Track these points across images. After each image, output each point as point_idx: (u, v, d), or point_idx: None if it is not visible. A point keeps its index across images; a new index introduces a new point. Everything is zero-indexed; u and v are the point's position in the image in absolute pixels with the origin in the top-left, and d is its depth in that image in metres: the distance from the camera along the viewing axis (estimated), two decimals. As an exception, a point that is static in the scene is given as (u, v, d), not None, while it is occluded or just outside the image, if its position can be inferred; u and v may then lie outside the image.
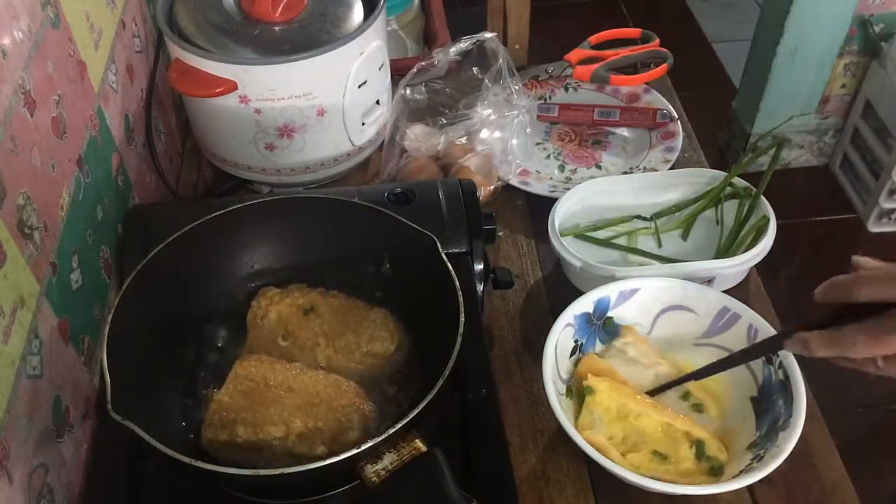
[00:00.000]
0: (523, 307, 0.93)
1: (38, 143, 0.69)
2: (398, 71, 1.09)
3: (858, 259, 0.61)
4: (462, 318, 0.65)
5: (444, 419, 0.70)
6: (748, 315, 0.80)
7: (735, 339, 0.81)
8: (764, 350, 0.76)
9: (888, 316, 0.58)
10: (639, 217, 1.00)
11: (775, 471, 0.69)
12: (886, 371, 0.60)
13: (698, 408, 0.79)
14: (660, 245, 0.99)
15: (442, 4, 1.39)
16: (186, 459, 0.58)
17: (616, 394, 0.77)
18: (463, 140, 1.04)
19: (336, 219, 0.78)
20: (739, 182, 0.98)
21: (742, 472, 0.71)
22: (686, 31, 2.93)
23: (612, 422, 0.76)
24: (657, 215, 1.00)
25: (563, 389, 0.78)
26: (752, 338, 0.79)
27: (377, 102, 1.04)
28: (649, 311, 0.83)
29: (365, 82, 0.97)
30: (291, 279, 0.79)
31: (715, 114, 2.38)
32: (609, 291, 0.82)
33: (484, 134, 1.04)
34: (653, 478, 0.70)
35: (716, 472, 0.74)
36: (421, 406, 0.60)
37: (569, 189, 0.98)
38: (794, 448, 0.70)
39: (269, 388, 0.68)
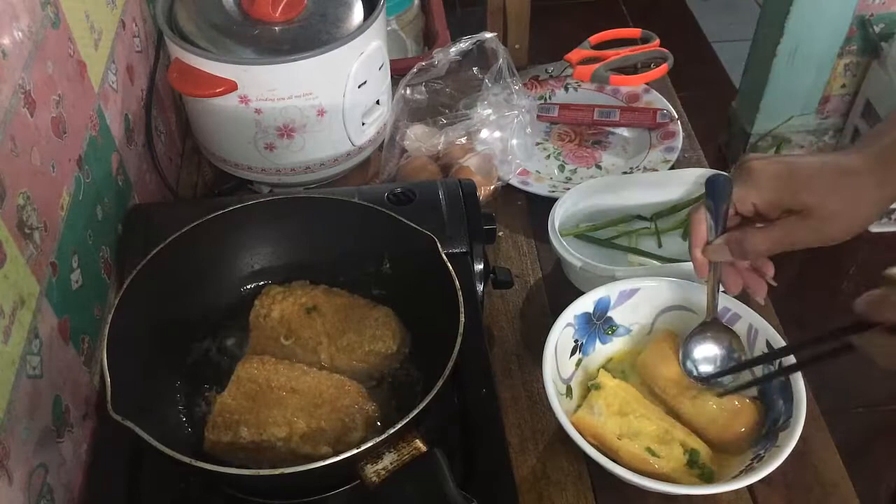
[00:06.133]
0: (523, 307, 0.93)
1: (38, 143, 0.69)
2: (398, 71, 1.09)
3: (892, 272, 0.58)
4: (462, 318, 0.65)
5: (444, 419, 0.70)
6: (748, 315, 0.80)
7: (735, 339, 0.81)
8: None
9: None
10: (639, 217, 1.00)
11: (775, 471, 0.69)
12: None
13: (707, 475, 0.74)
14: (660, 245, 0.99)
15: (442, 4, 1.39)
16: (186, 459, 0.58)
17: (623, 392, 0.77)
18: (463, 140, 1.04)
19: (336, 219, 0.78)
20: (739, 182, 0.98)
21: (742, 472, 0.71)
22: (686, 31, 2.93)
23: (611, 416, 0.76)
24: (657, 215, 1.00)
25: (563, 389, 0.78)
26: (751, 338, 0.79)
27: (377, 102, 1.03)
28: (649, 311, 0.83)
29: (365, 82, 0.97)
30: (291, 279, 0.79)
31: (715, 114, 2.37)
32: (609, 291, 0.82)
33: (484, 134, 1.04)
34: (647, 474, 0.70)
35: (706, 478, 0.73)
36: (421, 406, 0.60)
37: (569, 189, 0.98)
38: (794, 448, 0.70)
39: (271, 389, 0.68)
